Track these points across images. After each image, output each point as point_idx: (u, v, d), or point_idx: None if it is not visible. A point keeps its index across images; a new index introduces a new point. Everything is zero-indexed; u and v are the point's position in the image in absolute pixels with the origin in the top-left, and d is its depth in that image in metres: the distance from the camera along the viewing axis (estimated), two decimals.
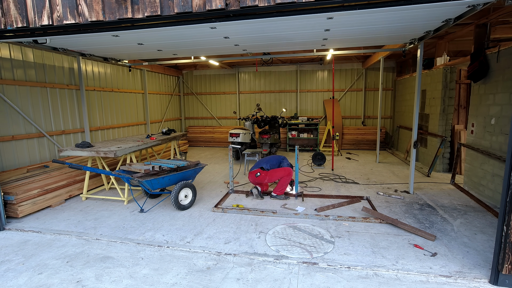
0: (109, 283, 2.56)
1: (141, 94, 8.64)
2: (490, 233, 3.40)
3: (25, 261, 2.94)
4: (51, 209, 4.38)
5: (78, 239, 3.41)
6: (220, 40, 4.30)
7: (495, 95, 4.36)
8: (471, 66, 4.77)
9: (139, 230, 3.63)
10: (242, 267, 2.76)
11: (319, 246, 3.13)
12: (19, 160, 5.04)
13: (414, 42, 4.73)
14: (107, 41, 4.21)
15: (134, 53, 5.45)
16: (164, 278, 2.61)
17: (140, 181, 3.91)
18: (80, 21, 3.07)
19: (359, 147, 9.35)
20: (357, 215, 3.94)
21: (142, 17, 2.93)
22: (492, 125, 4.42)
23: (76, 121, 6.24)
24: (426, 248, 3.07)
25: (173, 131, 6.49)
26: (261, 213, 4.02)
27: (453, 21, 3.42)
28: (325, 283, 2.51)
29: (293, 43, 4.67)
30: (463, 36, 6.16)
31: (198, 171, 4.61)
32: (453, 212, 4.04)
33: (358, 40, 4.69)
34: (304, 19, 3.22)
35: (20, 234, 3.59)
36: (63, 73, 5.96)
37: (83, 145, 4.50)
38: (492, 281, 2.50)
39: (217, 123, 10.94)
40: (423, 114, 6.96)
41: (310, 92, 10.08)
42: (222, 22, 3.10)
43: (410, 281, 2.53)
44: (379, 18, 3.28)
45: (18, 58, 5.07)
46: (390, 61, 9.37)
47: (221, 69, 10.57)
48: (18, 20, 3.21)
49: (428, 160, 6.63)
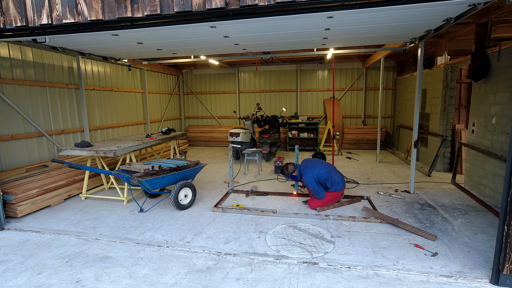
0: (109, 283, 2.55)
1: (141, 93, 8.62)
2: (491, 233, 3.39)
3: (24, 261, 2.93)
4: (51, 209, 4.36)
5: (77, 239, 3.40)
6: (220, 39, 4.29)
7: (496, 94, 4.35)
8: (472, 65, 4.75)
9: (138, 230, 3.62)
10: (242, 267, 2.75)
11: (320, 246, 3.12)
12: (18, 160, 5.03)
13: (415, 41, 4.71)
14: (107, 40, 4.19)
15: (134, 52, 5.44)
16: (164, 278, 2.61)
17: (140, 180, 3.90)
18: (79, 20, 3.06)
19: (360, 146, 9.33)
20: (357, 215, 3.93)
21: (142, 16, 2.92)
22: (493, 125, 4.40)
23: (76, 121, 6.23)
24: (427, 248, 3.06)
25: (172, 130, 6.47)
26: (261, 212, 4.01)
27: (453, 20, 3.41)
28: (326, 283, 2.50)
29: (293, 42, 4.66)
30: (464, 35, 6.15)
31: (198, 170, 4.60)
32: (454, 212, 4.03)
33: (358, 39, 4.68)
34: (304, 18, 3.21)
35: (19, 234, 3.58)
36: (63, 72, 5.95)
37: (82, 145, 4.48)
38: (493, 281, 2.49)
39: (217, 122, 10.93)
40: (423, 114, 6.95)
41: (311, 92, 10.06)
42: (222, 21, 3.09)
43: (410, 281, 2.52)
44: (380, 17, 3.27)
45: (17, 57, 5.05)
46: (390, 60, 9.34)
47: (221, 68, 10.56)
48: (17, 19, 3.20)
49: (428, 159, 6.62)
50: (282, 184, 5.52)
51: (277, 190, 5.10)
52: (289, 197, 4.73)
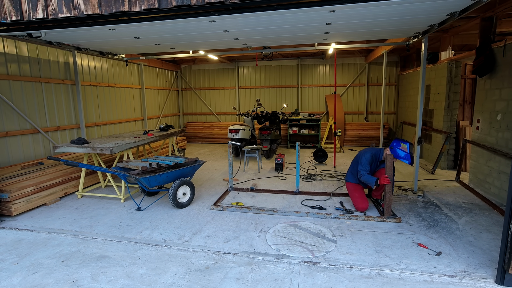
0: (105, 283, 2.52)
1: (138, 89, 8.53)
2: (496, 232, 3.35)
3: (19, 261, 2.89)
4: (46, 207, 4.32)
5: (73, 238, 3.36)
6: (219, 34, 4.25)
7: (501, 90, 4.29)
8: (476, 60, 4.69)
9: (136, 228, 3.58)
10: (242, 267, 2.72)
11: (321, 245, 3.08)
12: (13, 157, 4.96)
13: (418, 36, 4.66)
14: (104, 35, 4.14)
15: (131, 47, 5.38)
16: (162, 278, 2.57)
17: (137, 178, 3.86)
18: (75, 14, 3.04)
19: (362, 143, 9.26)
20: (359, 213, 3.87)
21: (140, 10, 2.89)
22: (498, 121, 4.34)
23: (72, 117, 6.15)
24: (431, 247, 3.02)
25: (171, 127, 6.42)
26: (261, 211, 3.96)
27: (458, 14, 3.36)
28: (327, 283, 2.47)
29: (294, 37, 4.61)
30: (469, 29, 6.06)
31: (197, 168, 4.55)
32: (458, 210, 3.99)
33: (360, 34, 4.63)
34: (306, 12, 3.17)
35: (14, 233, 3.53)
36: (58, 67, 5.86)
37: (78, 142, 4.44)
38: (498, 281, 2.46)
39: (216, 119, 10.84)
40: (427, 110, 6.87)
41: (312, 87, 9.96)
42: (221, 15, 3.06)
43: (414, 281, 2.48)
44: (382, 11, 3.22)
45: (12, 52, 4.97)
46: (393, 56, 9.23)
47: (220, 64, 10.45)
48: (12, 13, 3.16)
49: (432, 157, 6.56)
50: (282, 182, 5.47)
51: (278, 188, 5.05)
52: (290, 195, 4.68)
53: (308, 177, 5.68)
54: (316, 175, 5.82)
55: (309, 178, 5.62)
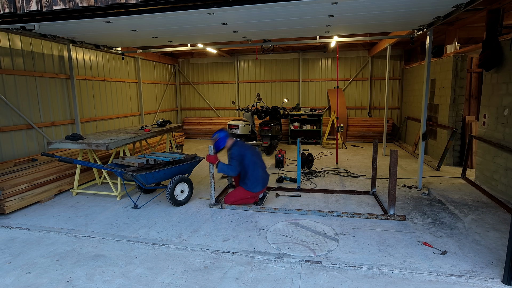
0: (101, 282, 2.48)
1: (135, 83, 8.40)
2: (503, 230, 3.28)
3: (12, 260, 2.84)
4: (40, 205, 4.25)
5: (68, 237, 3.30)
6: (218, 27, 4.18)
7: (508, 84, 4.20)
8: (483, 54, 4.60)
9: (132, 227, 3.52)
10: (242, 266, 2.67)
11: (323, 244, 3.02)
12: (6, 153, 4.87)
13: (423, 29, 4.57)
14: (99, 27, 4.06)
15: (128, 40, 5.28)
16: (159, 277, 2.53)
17: (134, 175, 3.79)
18: (70, 6, 2.98)
19: (365, 139, 9.17)
20: (362, 211, 3.82)
21: (136, 2, 2.83)
22: (505, 116, 4.26)
23: (66, 112, 6.03)
24: (436, 246, 2.96)
25: (168, 122, 6.32)
26: (262, 209, 3.90)
27: (464, 6, 3.30)
28: (329, 282, 2.42)
29: (296, 29, 4.53)
30: (475, 22, 5.94)
31: (195, 164, 4.49)
32: (464, 208, 3.92)
33: (363, 27, 4.55)
34: (307, 4, 3.11)
35: (7, 231, 3.47)
36: (53, 61, 5.73)
37: (73, 137, 4.35)
38: (505, 281, 2.40)
39: (215, 114, 10.73)
40: (432, 105, 6.78)
41: (313, 82, 9.83)
42: (220, 7, 3.01)
43: (418, 281, 2.43)
44: (386, 3, 3.16)
45: (4, 45, 4.85)
46: (397, 49, 9.08)
47: (219, 57, 10.30)
48: (5, 6, 3.10)
49: (437, 153, 6.47)
50: None
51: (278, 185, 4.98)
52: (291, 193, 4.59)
53: (309, 174, 5.60)
54: (318, 172, 5.75)
55: (309, 175, 5.54)
